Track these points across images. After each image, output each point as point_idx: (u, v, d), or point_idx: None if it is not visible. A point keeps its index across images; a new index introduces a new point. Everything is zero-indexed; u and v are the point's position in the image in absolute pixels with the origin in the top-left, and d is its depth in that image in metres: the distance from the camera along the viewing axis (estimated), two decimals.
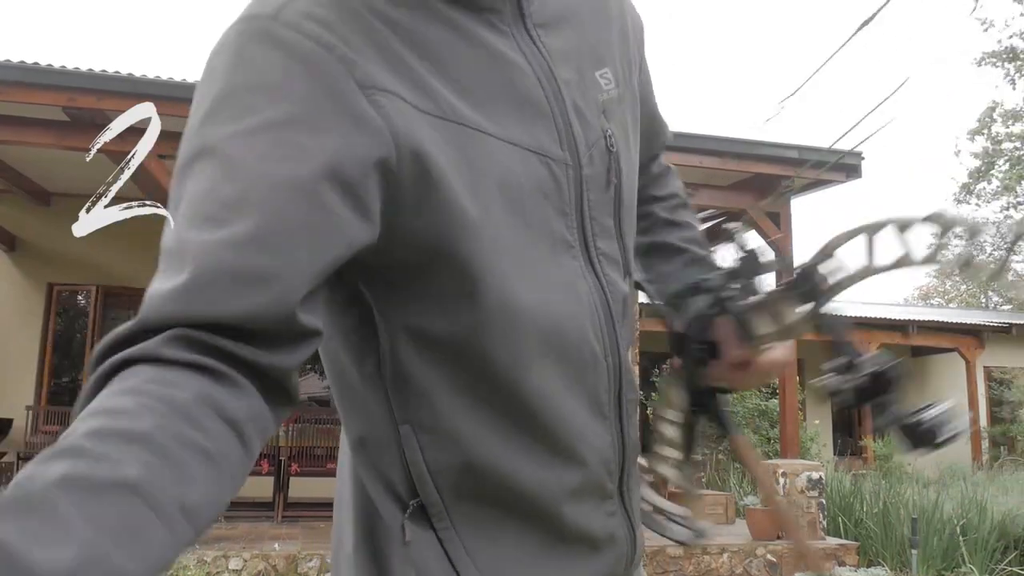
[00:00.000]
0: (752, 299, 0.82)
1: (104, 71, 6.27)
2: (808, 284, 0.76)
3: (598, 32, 0.80)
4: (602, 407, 0.75)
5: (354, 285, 0.69)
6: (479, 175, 0.66)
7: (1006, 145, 21.99)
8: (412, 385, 0.69)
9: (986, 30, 20.89)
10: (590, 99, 0.75)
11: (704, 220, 1.03)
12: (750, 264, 0.83)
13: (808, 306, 0.77)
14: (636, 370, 6.78)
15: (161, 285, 0.58)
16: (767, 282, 0.83)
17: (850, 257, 0.75)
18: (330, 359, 0.79)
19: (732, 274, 0.84)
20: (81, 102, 6.09)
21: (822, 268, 0.76)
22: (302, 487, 8.10)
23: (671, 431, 0.91)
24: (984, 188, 22.87)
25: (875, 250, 0.74)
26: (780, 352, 0.84)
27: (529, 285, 0.68)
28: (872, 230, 0.73)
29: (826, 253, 0.76)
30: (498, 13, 0.71)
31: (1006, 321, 15.33)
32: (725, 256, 0.86)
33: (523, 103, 0.70)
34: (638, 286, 0.90)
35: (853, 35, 0.93)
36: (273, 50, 0.62)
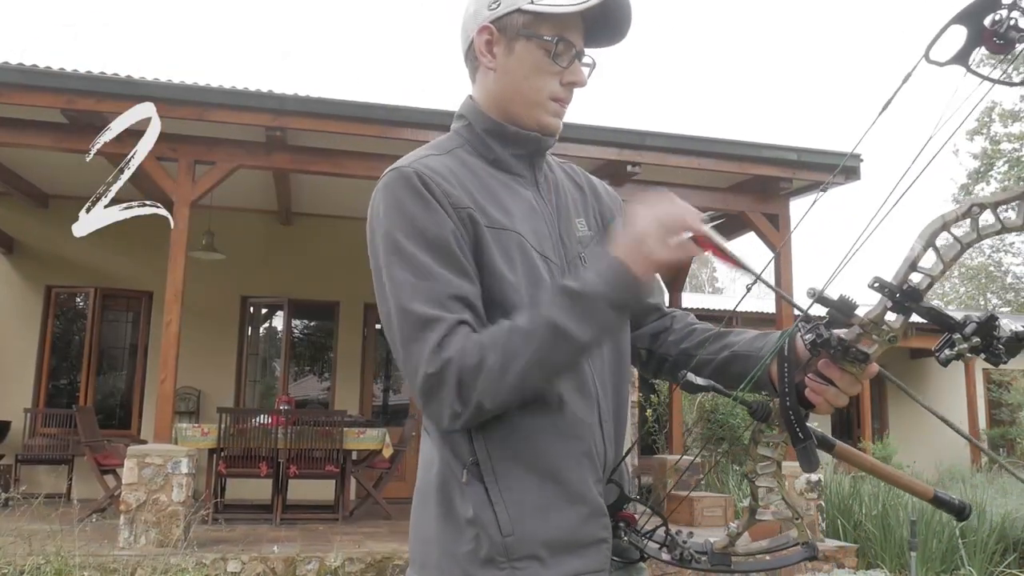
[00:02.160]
0: (848, 332, 1.02)
1: (103, 73, 6.26)
2: (903, 297, 0.95)
3: (575, 198, 1.35)
4: (599, 420, 1.21)
5: None
6: (514, 257, 1.17)
7: (1005, 146, 22.00)
8: None
9: None
10: (571, 234, 1.28)
11: (704, 221, 1.15)
12: (840, 309, 0.99)
13: (900, 315, 0.98)
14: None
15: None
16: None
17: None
18: None
19: (829, 323, 1.03)
20: (80, 104, 6.09)
21: (910, 278, 0.96)
22: (300, 489, 8.09)
23: (766, 480, 1.14)
24: (983, 189, 22.88)
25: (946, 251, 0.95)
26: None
27: None
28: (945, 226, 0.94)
29: (911, 267, 0.95)
30: (523, 178, 1.28)
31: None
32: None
33: (536, 226, 1.24)
34: (692, 387, 1.13)
35: (895, 94, 1.02)
36: (410, 185, 1.16)
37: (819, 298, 0.99)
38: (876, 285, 0.97)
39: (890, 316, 0.99)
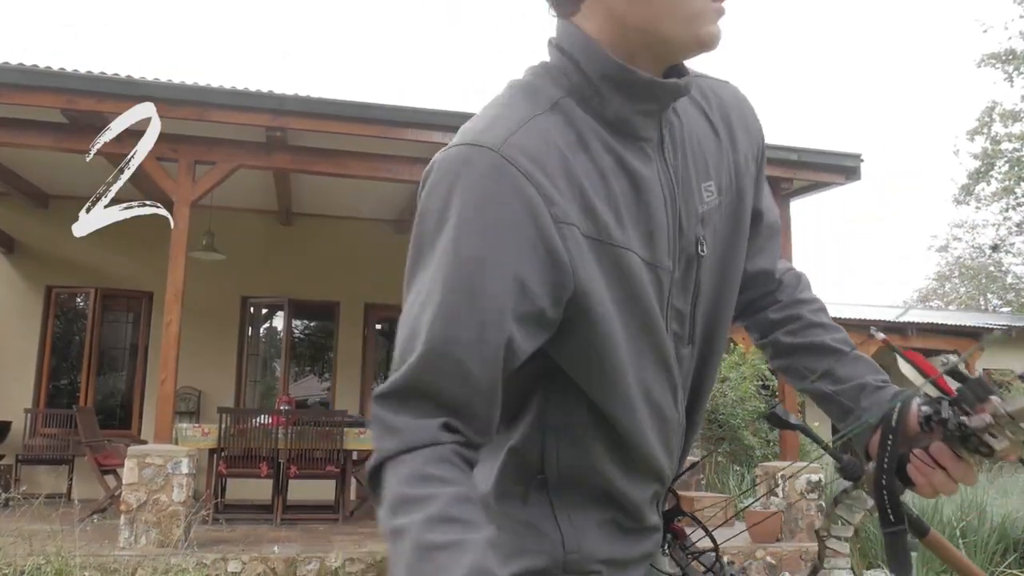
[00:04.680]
0: (976, 419, 0.89)
1: (103, 73, 6.26)
2: None
3: (707, 150, 1.01)
4: (670, 450, 1.05)
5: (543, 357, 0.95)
6: (620, 287, 0.91)
7: (1005, 146, 21.99)
8: (562, 413, 0.98)
9: (985, 31, 20.92)
10: (692, 212, 0.98)
11: None
12: (974, 391, 0.90)
13: None
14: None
15: None
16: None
17: None
18: (522, 392, 1.00)
19: (955, 401, 0.91)
20: (80, 104, 6.09)
21: None
22: (301, 490, 8.09)
23: (841, 545, 1.04)
24: (983, 189, 22.88)
25: None
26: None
27: (640, 369, 0.96)
28: None
29: None
30: (649, 141, 0.94)
31: (1005, 324, 15.32)
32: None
33: (651, 221, 0.93)
34: (772, 372, 1.06)
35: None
36: (498, 184, 0.84)
37: (952, 372, 0.91)
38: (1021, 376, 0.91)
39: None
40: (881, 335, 1.01)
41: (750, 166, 1.08)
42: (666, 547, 1.12)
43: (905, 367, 1.00)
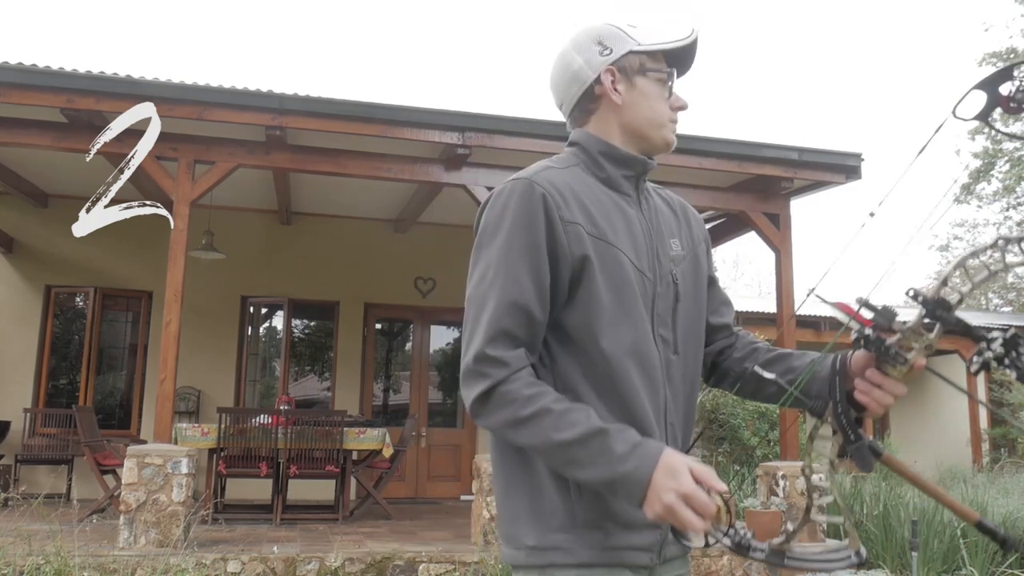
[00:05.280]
0: (893, 338, 1.17)
1: (103, 72, 6.25)
2: (936, 308, 1.12)
3: (671, 220, 1.53)
4: (657, 408, 1.39)
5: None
6: (612, 270, 1.36)
7: (1006, 145, 21.98)
8: (559, 371, 1.36)
9: (987, 30, 20.90)
10: (666, 252, 1.46)
11: (705, 221, 1.21)
12: (884, 316, 1.17)
13: (936, 325, 1.14)
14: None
15: None
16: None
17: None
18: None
19: (873, 328, 1.18)
20: (79, 104, 6.08)
21: (942, 292, 1.13)
22: (301, 489, 8.09)
23: (823, 482, 1.27)
24: (984, 188, 22.86)
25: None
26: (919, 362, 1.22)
27: (618, 335, 1.35)
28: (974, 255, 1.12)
29: (943, 283, 1.13)
30: (629, 197, 1.47)
31: (1006, 323, 15.31)
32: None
33: (636, 242, 1.41)
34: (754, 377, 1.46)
35: (926, 144, 1.20)
36: (531, 200, 1.34)
37: (865, 305, 1.16)
38: (912, 294, 1.13)
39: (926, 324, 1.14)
40: (822, 296, 1.24)
41: (701, 244, 1.56)
42: None
43: (835, 312, 1.25)
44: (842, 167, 7.41)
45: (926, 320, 1.14)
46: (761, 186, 7.60)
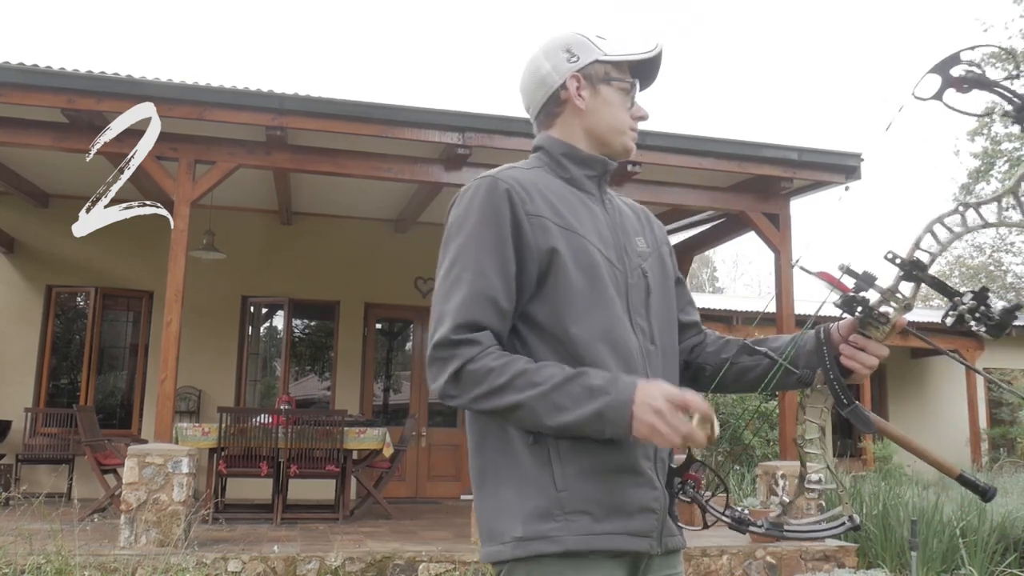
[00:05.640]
0: (873, 299, 1.26)
1: (103, 72, 6.25)
2: (912, 269, 1.23)
3: (634, 221, 1.58)
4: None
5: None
6: (580, 258, 1.40)
7: (1006, 145, 21.99)
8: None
9: (986, 31, 20.92)
10: (631, 247, 1.51)
11: (705, 221, 1.27)
12: (864, 280, 1.27)
13: (910, 285, 1.25)
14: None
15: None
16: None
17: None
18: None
19: (855, 290, 1.28)
20: (80, 104, 6.08)
21: (916, 255, 1.23)
22: (301, 489, 8.10)
23: (815, 447, 1.33)
24: (983, 188, 22.86)
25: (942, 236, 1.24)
26: (899, 321, 1.31)
27: (590, 321, 1.39)
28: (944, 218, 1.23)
29: (916, 245, 1.23)
30: (592, 196, 1.53)
31: None
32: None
33: (603, 236, 1.46)
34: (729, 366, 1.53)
35: (890, 122, 1.35)
36: (495, 195, 1.39)
37: (847, 272, 1.25)
38: (889, 256, 1.23)
39: (904, 287, 1.26)
40: (803, 266, 1.34)
41: (663, 246, 1.62)
42: (687, 492, 1.37)
43: (819, 282, 1.32)
44: (842, 167, 7.41)
45: (903, 279, 1.24)
46: (761, 186, 7.60)
